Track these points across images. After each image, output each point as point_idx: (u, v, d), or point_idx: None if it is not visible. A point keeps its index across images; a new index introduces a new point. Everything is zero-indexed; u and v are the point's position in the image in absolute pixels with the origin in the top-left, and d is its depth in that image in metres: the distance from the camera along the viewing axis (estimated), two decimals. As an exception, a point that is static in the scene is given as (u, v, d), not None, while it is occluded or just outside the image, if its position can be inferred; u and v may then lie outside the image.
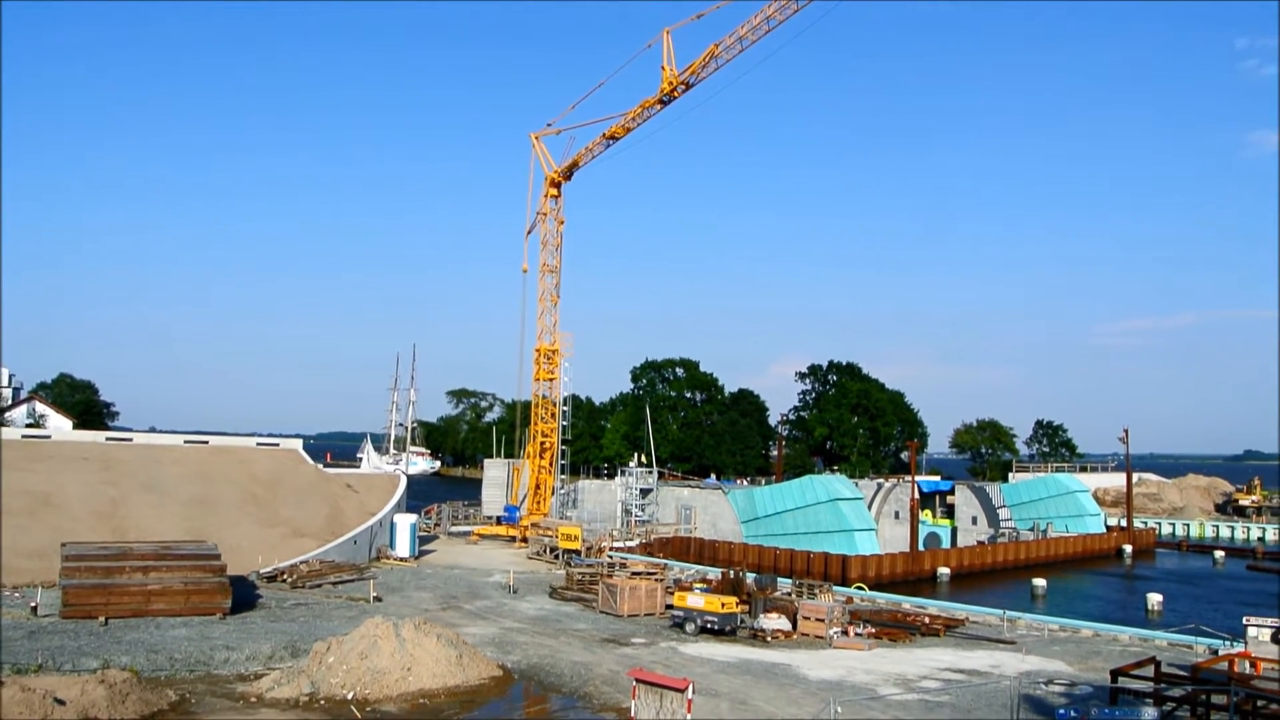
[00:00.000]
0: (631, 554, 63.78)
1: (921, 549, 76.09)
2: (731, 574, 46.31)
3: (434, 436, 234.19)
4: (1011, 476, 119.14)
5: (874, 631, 40.77)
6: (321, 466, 71.36)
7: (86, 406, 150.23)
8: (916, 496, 77.39)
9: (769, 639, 38.98)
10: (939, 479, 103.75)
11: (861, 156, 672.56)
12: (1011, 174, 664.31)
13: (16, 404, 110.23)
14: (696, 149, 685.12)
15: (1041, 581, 65.88)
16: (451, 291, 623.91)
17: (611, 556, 58.71)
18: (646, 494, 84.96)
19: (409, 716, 27.84)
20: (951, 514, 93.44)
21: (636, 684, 25.63)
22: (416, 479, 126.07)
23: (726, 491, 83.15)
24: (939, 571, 69.94)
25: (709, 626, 39.44)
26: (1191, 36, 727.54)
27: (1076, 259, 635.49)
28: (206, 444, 65.26)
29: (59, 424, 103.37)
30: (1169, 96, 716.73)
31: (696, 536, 76.27)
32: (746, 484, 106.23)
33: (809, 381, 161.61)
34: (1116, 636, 41.90)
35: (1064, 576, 74.17)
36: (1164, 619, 54.35)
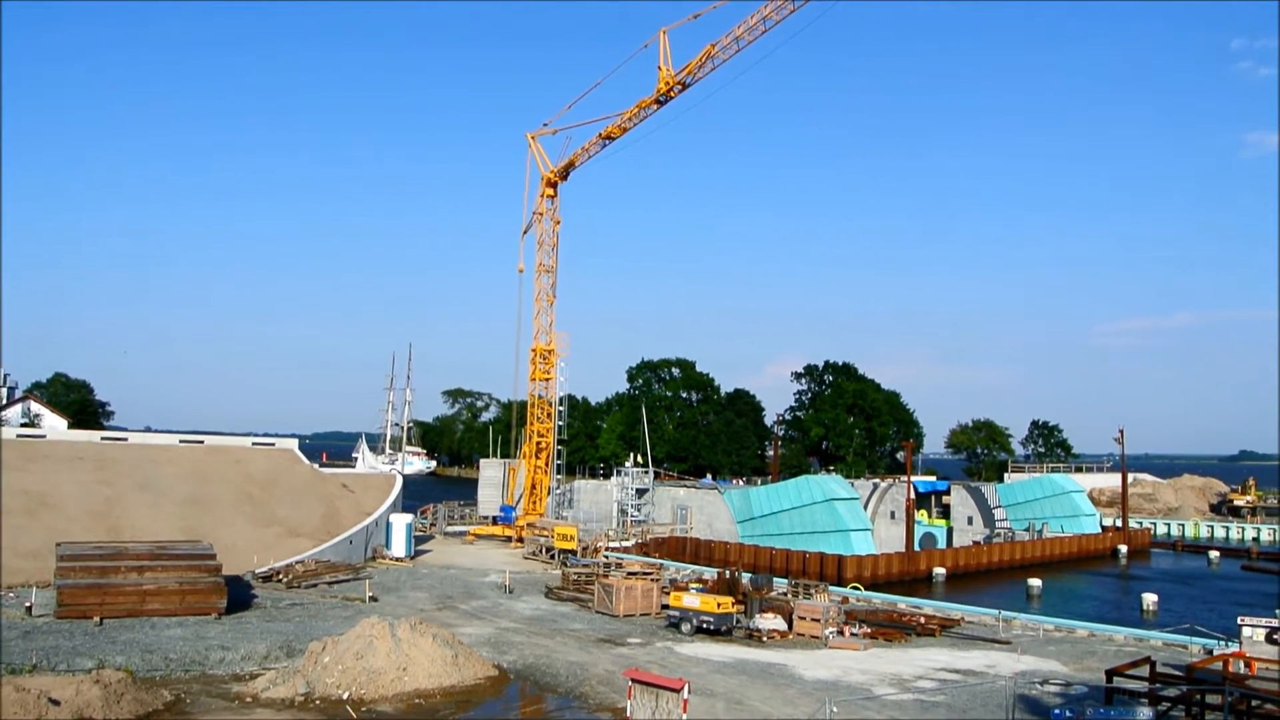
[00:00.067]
0: (627, 554, 63.77)
1: (917, 549, 76.17)
2: (727, 574, 46.26)
3: (430, 436, 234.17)
4: (1007, 477, 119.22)
5: (869, 631, 40.84)
6: (317, 466, 71.28)
7: (81, 406, 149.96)
8: (912, 497, 77.48)
9: (765, 639, 39.01)
10: (935, 479, 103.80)
11: (859, 156, 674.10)
12: (1011, 174, 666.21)
13: (11, 403, 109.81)
14: (693, 149, 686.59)
15: (1037, 581, 66.01)
16: (450, 291, 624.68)
17: (607, 556, 58.66)
18: (642, 494, 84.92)
19: (404, 716, 27.83)
20: (947, 514, 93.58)
21: (632, 684, 25.63)
22: (412, 479, 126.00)
23: (722, 491, 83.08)
24: (934, 571, 70.05)
25: (705, 626, 39.44)
26: (1189, 37, 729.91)
27: (1076, 259, 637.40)
28: (202, 444, 65.11)
29: (54, 423, 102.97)
30: (1168, 97, 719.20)
31: (692, 536, 76.25)
32: (742, 484, 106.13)
33: (805, 382, 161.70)
34: (1112, 636, 42.00)
35: (1059, 577, 74.27)
36: (1159, 619, 54.51)
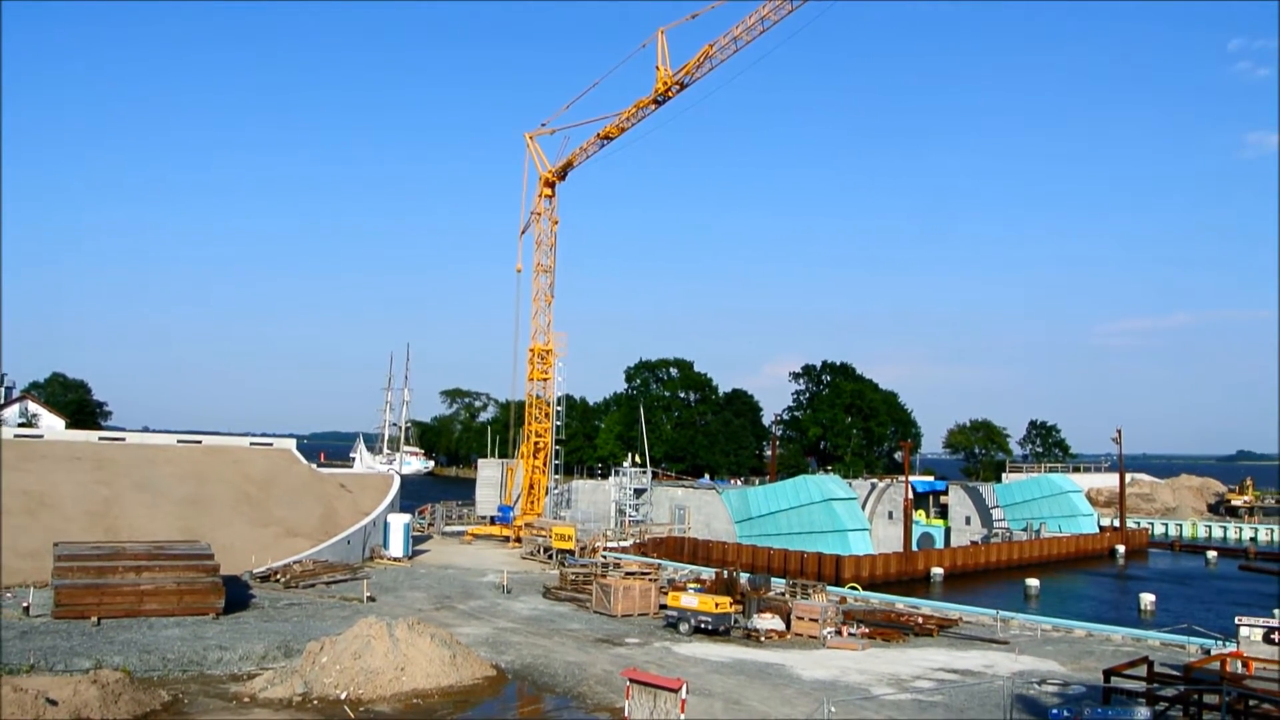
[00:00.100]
0: (625, 554, 63.73)
1: (915, 549, 76.22)
2: (725, 574, 46.26)
3: (428, 436, 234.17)
4: (1005, 477, 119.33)
5: (868, 631, 40.84)
6: (315, 466, 71.23)
7: (79, 406, 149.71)
8: (910, 497, 77.54)
9: (763, 639, 39.01)
10: (933, 479, 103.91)
11: (857, 156, 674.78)
12: (1009, 174, 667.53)
13: (9, 403, 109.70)
14: (691, 149, 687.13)
15: (1035, 581, 66.06)
16: (449, 291, 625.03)
17: (605, 556, 58.60)
18: (640, 494, 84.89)
19: (402, 717, 27.82)
20: (945, 514, 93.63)
21: (630, 684, 25.63)
22: (410, 479, 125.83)
23: (720, 491, 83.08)
24: (933, 572, 70.08)
25: (703, 626, 39.43)
26: (1188, 38, 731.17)
27: (1074, 259, 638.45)
28: (200, 444, 65.06)
29: (51, 423, 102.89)
30: (1167, 97, 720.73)
31: (690, 536, 76.28)
32: (740, 484, 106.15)
33: (803, 382, 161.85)
34: (1109, 636, 42.01)
35: (1057, 577, 74.33)
36: (1157, 619, 54.55)
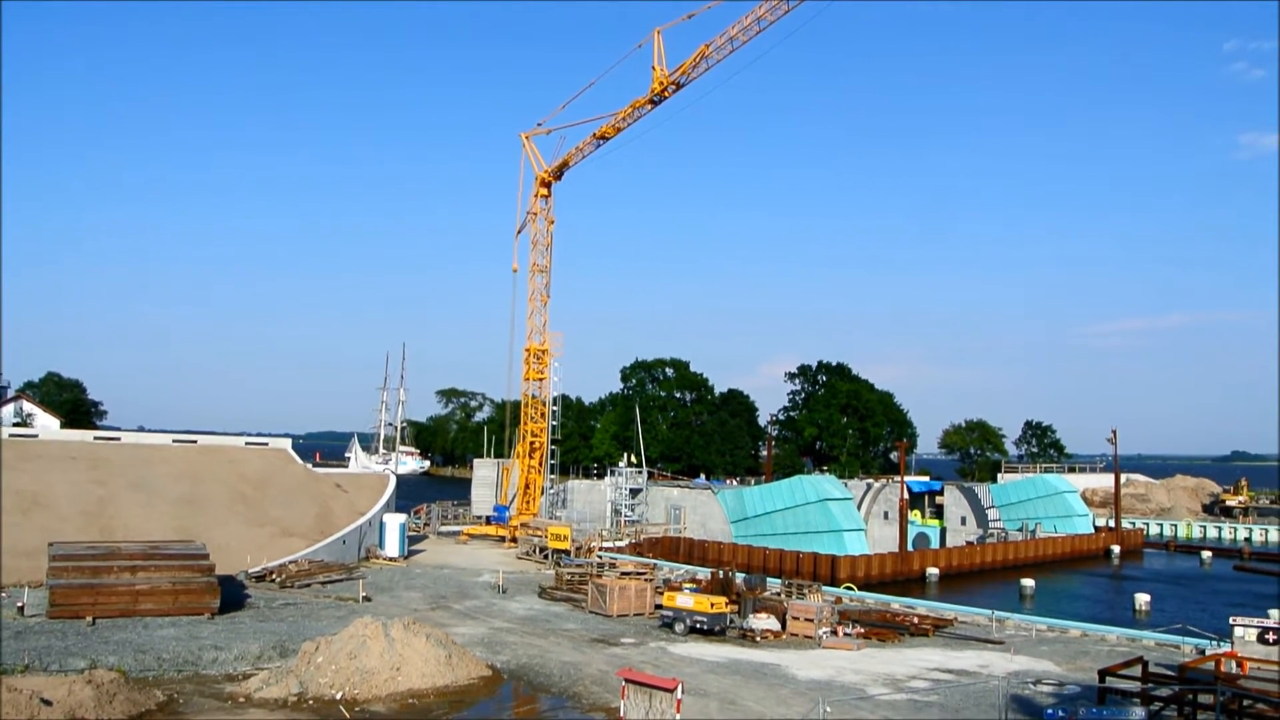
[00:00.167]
0: (621, 554, 63.75)
1: (910, 549, 76.30)
2: (721, 574, 46.35)
3: (423, 436, 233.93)
4: (1000, 477, 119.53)
5: (863, 631, 40.87)
6: (310, 466, 71.09)
7: (74, 405, 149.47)
8: (905, 497, 77.65)
9: (758, 639, 39.03)
10: (928, 479, 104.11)
11: (855, 156, 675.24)
12: (1007, 174, 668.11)
13: (4, 403, 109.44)
14: (687, 149, 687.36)
15: (1030, 582, 66.16)
16: (446, 291, 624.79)
17: (601, 556, 58.59)
18: (636, 494, 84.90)
19: (398, 716, 27.80)
20: (940, 514, 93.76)
21: (626, 684, 25.64)
22: (406, 479, 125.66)
23: (716, 491, 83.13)
24: (928, 572, 70.20)
25: (698, 626, 39.45)
26: (1187, 38, 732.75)
27: (1071, 259, 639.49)
28: (195, 443, 64.93)
29: (46, 423, 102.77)
30: (1166, 97, 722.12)
31: (686, 536, 76.29)
32: (736, 484, 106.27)
33: (799, 382, 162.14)
34: (1104, 636, 42.09)
35: (1052, 577, 74.46)
36: (1151, 619, 54.64)
